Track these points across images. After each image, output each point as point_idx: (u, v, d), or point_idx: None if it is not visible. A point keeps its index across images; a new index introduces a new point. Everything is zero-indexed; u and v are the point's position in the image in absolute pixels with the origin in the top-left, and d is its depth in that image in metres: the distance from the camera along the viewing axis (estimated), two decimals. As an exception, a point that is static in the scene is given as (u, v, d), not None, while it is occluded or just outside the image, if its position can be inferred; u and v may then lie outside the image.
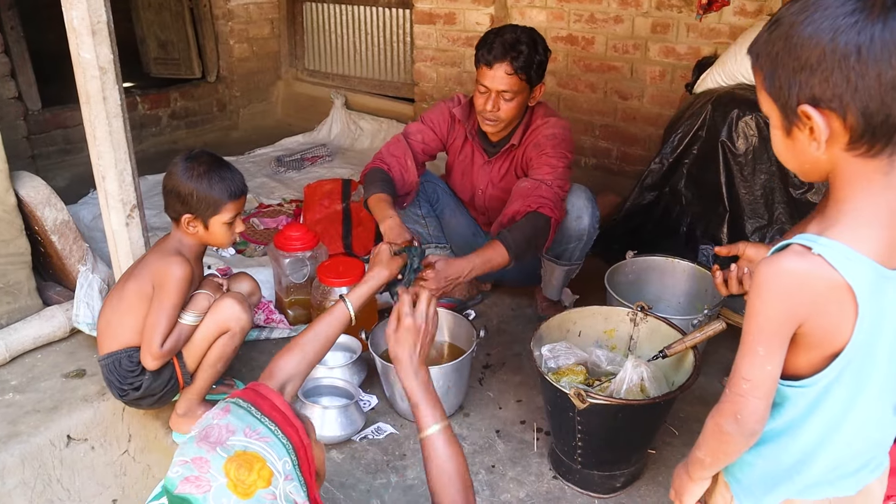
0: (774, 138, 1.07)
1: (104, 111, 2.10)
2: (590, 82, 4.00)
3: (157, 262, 2.03)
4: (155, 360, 2.00)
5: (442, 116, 2.64)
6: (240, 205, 2.07)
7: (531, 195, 2.31)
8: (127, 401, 2.12)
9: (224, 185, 2.00)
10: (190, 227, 2.04)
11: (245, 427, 1.14)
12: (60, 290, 2.75)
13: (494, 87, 2.38)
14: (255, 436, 1.14)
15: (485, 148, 2.62)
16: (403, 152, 2.52)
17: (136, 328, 2.05)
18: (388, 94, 5.03)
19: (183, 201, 2.00)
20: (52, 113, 4.36)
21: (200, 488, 1.09)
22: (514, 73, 2.34)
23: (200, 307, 2.06)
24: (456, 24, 4.25)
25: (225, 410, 1.18)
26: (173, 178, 2.00)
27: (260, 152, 4.67)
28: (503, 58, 2.33)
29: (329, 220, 3.32)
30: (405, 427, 2.24)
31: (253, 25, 5.25)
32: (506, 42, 2.34)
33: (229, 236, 2.09)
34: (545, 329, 2.09)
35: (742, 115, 2.91)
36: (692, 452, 1.22)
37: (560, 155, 2.40)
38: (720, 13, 3.43)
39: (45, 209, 2.59)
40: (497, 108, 2.41)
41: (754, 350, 1.05)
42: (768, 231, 2.96)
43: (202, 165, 2.00)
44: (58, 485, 2.25)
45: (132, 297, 2.04)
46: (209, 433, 1.13)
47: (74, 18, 2.00)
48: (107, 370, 2.08)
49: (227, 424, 1.15)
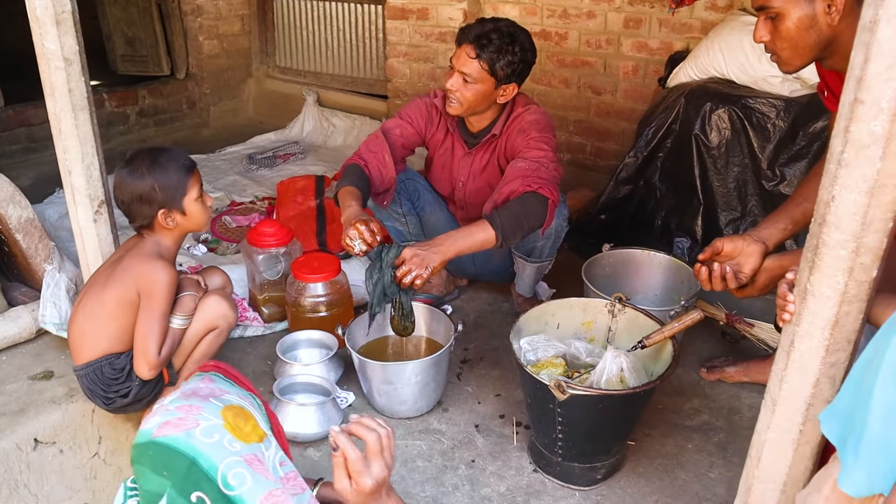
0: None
1: (70, 103, 2.04)
2: (563, 77, 4.01)
3: (140, 269, 1.97)
4: (152, 370, 1.96)
5: (419, 111, 2.61)
6: (198, 177, 2.06)
7: (531, 175, 2.25)
8: (113, 408, 2.07)
9: (176, 164, 1.99)
10: (168, 222, 2.00)
11: (237, 392, 1.15)
12: (26, 290, 2.67)
13: (458, 65, 2.38)
14: (246, 402, 1.14)
15: (465, 139, 2.60)
16: (381, 148, 2.49)
17: (117, 335, 2.00)
18: (361, 91, 4.99)
19: (148, 201, 1.96)
20: (15, 111, 4.26)
21: (181, 427, 1.07)
22: (476, 58, 2.33)
23: (188, 309, 2.03)
24: (429, 19, 4.23)
25: (209, 380, 1.18)
26: (125, 187, 1.97)
27: (231, 150, 4.61)
28: (471, 41, 2.34)
29: (303, 216, 3.28)
30: (383, 423, 2.22)
31: (223, 22, 5.17)
32: (482, 28, 2.35)
33: (206, 212, 2.07)
34: (524, 322, 2.07)
35: (715, 109, 2.94)
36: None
37: (546, 139, 2.38)
38: (692, 8, 3.46)
39: (9, 207, 2.51)
40: (456, 87, 2.40)
41: None
42: (742, 223, 2.99)
43: (145, 160, 1.98)
44: (25, 490, 2.18)
45: (112, 305, 1.98)
46: (197, 391, 1.13)
47: (38, 8, 1.94)
48: (87, 380, 2.02)
49: (217, 387, 1.15)
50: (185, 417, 1.08)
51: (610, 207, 3.26)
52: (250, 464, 1.08)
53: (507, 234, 2.17)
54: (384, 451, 1.23)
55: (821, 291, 1.17)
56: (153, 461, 1.08)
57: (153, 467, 1.08)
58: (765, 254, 1.81)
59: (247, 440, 1.10)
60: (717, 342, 2.62)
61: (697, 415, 2.26)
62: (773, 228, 1.89)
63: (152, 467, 1.08)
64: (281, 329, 2.67)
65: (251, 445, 1.10)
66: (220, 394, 1.14)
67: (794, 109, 2.82)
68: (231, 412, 1.10)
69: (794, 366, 1.25)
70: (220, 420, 1.09)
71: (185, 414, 1.09)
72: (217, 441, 1.08)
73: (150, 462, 1.09)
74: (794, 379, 1.25)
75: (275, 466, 1.12)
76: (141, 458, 1.10)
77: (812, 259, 1.18)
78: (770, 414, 1.32)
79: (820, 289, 1.17)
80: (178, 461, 1.07)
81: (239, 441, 1.09)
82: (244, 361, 2.52)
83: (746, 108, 2.89)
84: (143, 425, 1.12)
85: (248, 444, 1.10)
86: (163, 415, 1.10)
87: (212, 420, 1.08)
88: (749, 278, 1.81)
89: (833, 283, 1.16)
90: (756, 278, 1.80)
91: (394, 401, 2.19)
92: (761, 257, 1.80)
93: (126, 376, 2.00)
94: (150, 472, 1.08)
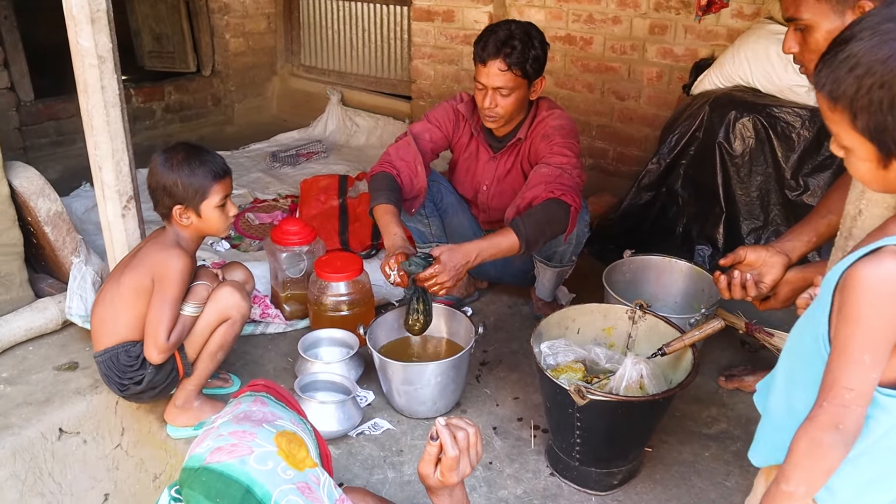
0: (860, 168, 1.06)
1: (102, 100, 2.08)
2: (587, 82, 4.01)
3: (155, 256, 2.01)
4: (161, 354, 1.99)
5: (447, 115, 2.62)
6: (226, 186, 2.06)
7: (553, 182, 2.27)
8: (127, 395, 2.11)
9: (206, 168, 2.00)
10: (183, 219, 2.03)
11: (290, 417, 1.16)
12: (53, 282, 2.72)
13: (490, 83, 2.38)
14: (299, 428, 1.14)
15: (490, 143, 2.61)
16: (414, 157, 2.48)
17: (133, 323, 2.03)
18: (385, 91, 5.01)
19: (170, 193, 1.99)
20: (45, 104, 4.32)
21: (234, 454, 1.07)
22: (508, 69, 2.34)
23: (200, 297, 2.05)
24: (454, 21, 4.24)
25: (261, 402, 1.19)
26: (155, 174, 2.01)
27: (255, 147, 4.65)
28: (496, 54, 2.33)
29: (325, 215, 3.31)
30: (402, 423, 2.23)
31: (249, 20, 5.22)
32: (499, 39, 2.34)
33: (224, 220, 2.08)
34: (544, 326, 2.08)
35: (739, 117, 2.93)
36: (774, 492, 1.15)
37: (569, 145, 2.39)
38: (718, 15, 3.45)
39: (39, 200, 2.56)
40: (495, 104, 2.41)
41: (859, 359, 1.03)
42: (764, 232, 2.98)
43: (180, 154, 2.00)
44: (49, 478, 2.23)
45: (129, 292, 2.02)
46: (250, 415, 1.13)
47: (74, 6, 1.98)
48: (104, 366, 2.06)
49: (270, 411, 1.15)
50: (238, 444, 1.07)
51: (631, 213, 3.26)
52: (303, 491, 1.07)
53: (531, 242, 2.21)
54: (470, 448, 1.32)
55: (845, 304, 1.18)
56: (206, 488, 1.07)
57: (206, 494, 1.07)
58: (787, 266, 1.81)
59: (300, 467, 1.09)
60: (737, 351, 2.62)
61: (715, 423, 2.26)
62: (797, 241, 1.89)
63: (205, 494, 1.07)
64: (302, 327, 2.70)
65: (304, 473, 1.09)
66: (273, 419, 1.13)
67: (819, 119, 2.80)
68: (285, 438, 1.09)
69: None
70: (274, 447, 1.07)
71: (239, 440, 1.08)
72: (271, 469, 1.07)
73: (203, 488, 1.07)
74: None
75: (330, 492, 1.12)
76: (193, 484, 1.09)
77: (837, 272, 1.18)
78: (790, 425, 1.32)
79: (845, 302, 1.18)
80: (233, 489, 1.06)
81: (292, 468, 1.07)
82: (265, 358, 2.55)
83: (771, 117, 2.88)
84: (194, 449, 1.10)
85: (301, 472, 1.08)
86: (215, 439, 1.08)
87: (266, 447, 1.07)
88: (770, 289, 1.81)
89: (858, 296, 1.16)
90: (778, 290, 1.80)
91: (413, 401, 2.20)
92: (783, 269, 1.80)
93: (140, 364, 2.03)
94: (203, 497, 1.07)
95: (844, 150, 1.06)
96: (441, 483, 1.32)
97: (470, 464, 1.33)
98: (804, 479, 1.11)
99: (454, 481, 1.31)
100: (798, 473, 1.11)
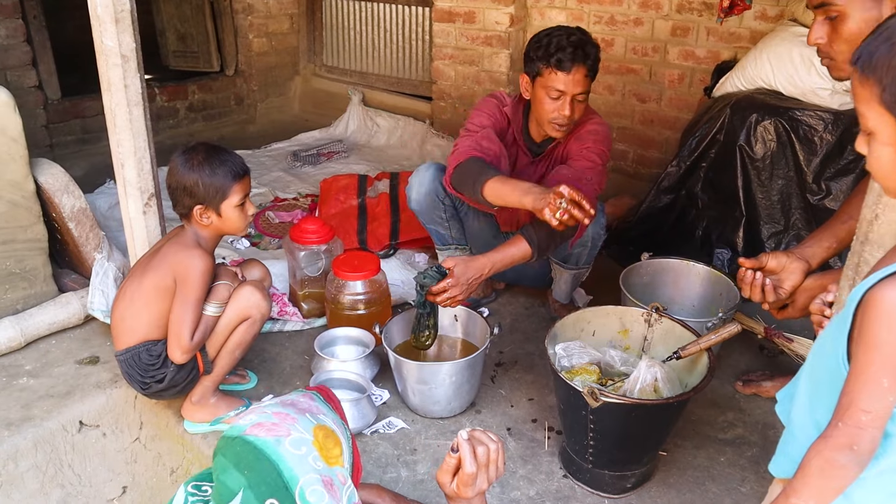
0: (882, 155, 1.02)
1: (125, 99, 2.11)
2: (608, 84, 3.99)
3: (176, 256, 2.03)
4: (185, 354, 2.01)
5: (494, 115, 2.53)
6: (245, 185, 2.08)
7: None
8: (149, 393, 2.13)
9: (226, 168, 2.02)
10: (203, 219, 2.04)
11: (333, 418, 1.17)
12: (76, 277, 2.77)
13: (572, 90, 2.30)
14: (339, 430, 1.16)
15: (530, 148, 2.58)
16: (499, 148, 2.41)
17: (155, 322, 2.05)
18: (406, 92, 5.03)
19: (190, 193, 2.01)
20: (72, 102, 4.39)
21: (273, 432, 1.09)
22: (588, 74, 2.31)
23: (222, 297, 2.08)
24: (475, 22, 4.25)
25: (310, 397, 1.21)
26: (175, 174, 2.02)
27: (276, 147, 4.68)
28: (582, 61, 2.27)
29: (344, 214, 3.33)
30: (416, 422, 2.24)
31: (272, 20, 5.26)
32: (575, 44, 2.28)
33: (244, 220, 2.09)
34: (560, 328, 2.08)
35: (761, 120, 2.90)
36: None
37: (599, 151, 2.38)
38: (741, 17, 3.42)
39: (63, 196, 2.61)
40: (573, 111, 2.34)
41: (877, 382, 1.02)
42: (784, 237, 2.95)
43: (199, 154, 2.02)
44: (69, 470, 2.26)
45: (151, 292, 2.04)
46: (296, 403, 1.16)
47: (98, 6, 2.01)
48: (126, 365, 2.08)
49: (316, 406, 1.18)
50: (278, 423, 1.10)
51: (651, 216, 3.24)
52: (327, 486, 1.08)
53: (542, 248, 2.23)
54: (490, 464, 1.30)
55: (860, 310, 1.16)
56: (238, 457, 1.10)
57: (236, 463, 1.10)
58: (807, 272, 1.79)
59: (330, 462, 1.11)
60: (755, 356, 2.59)
61: (731, 428, 2.24)
62: (818, 247, 1.87)
63: (235, 463, 1.10)
64: (319, 325, 2.72)
65: (332, 469, 1.10)
66: (317, 412, 1.16)
67: (842, 123, 2.78)
68: (322, 432, 1.12)
69: (831, 383, 1.24)
70: (311, 436, 1.09)
71: (280, 421, 1.10)
72: (303, 454, 1.09)
73: (235, 457, 1.10)
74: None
75: (351, 496, 1.13)
76: (226, 451, 1.12)
77: (853, 278, 1.17)
78: (804, 431, 1.31)
79: (860, 307, 1.16)
80: (263, 464, 1.08)
81: (323, 461, 1.09)
82: (282, 356, 2.57)
83: (793, 121, 2.85)
84: (237, 421, 1.13)
85: (330, 467, 1.10)
86: (258, 415, 1.11)
87: (303, 434, 1.09)
88: (788, 294, 1.79)
89: (874, 302, 1.15)
90: (796, 298, 1.79)
91: (428, 401, 2.21)
92: (803, 275, 1.78)
93: (162, 363, 2.06)
94: (233, 466, 1.10)
95: (868, 138, 1.03)
96: (456, 494, 1.31)
97: (488, 480, 1.31)
98: (814, 496, 1.11)
99: (469, 496, 1.30)
100: (808, 490, 1.11)
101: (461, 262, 2.15)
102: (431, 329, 2.23)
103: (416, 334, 2.25)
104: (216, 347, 2.12)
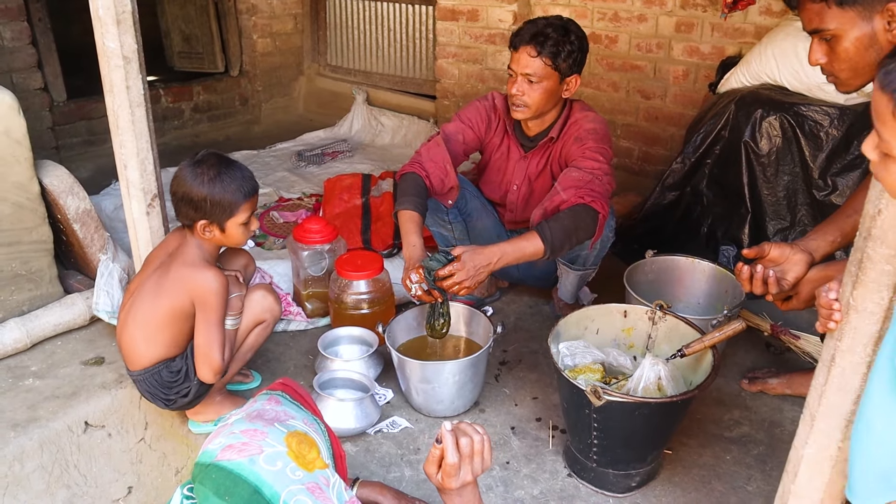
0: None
1: (127, 100, 2.11)
2: (612, 81, 3.98)
3: (192, 278, 1.98)
4: (217, 375, 2.01)
5: (479, 115, 2.60)
6: (254, 203, 2.04)
7: (584, 187, 2.25)
8: (174, 408, 2.13)
9: (237, 186, 1.97)
10: (206, 233, 2.00)
11: (303, 417, 1.17)
12: (81, 278, 2.78)
13: (519, 69, 2.37)
14: (311, 429, 1.15)
15: (521, 142, 2.59)
16: (443, 158, 2.46)
17: (171, 342, 2.03)
18: (410, 91, 5.03)
19: (196, 207, 1.96)
20: (77, 104, 4.40)
21: (244, 453, 1.08)
22: (538, 55, 2.33)
23: (236, 308, 2.08)
24: (479, 20, 4.24)
25: (275, 401, 1.20)
26: (183, 185, 1.96)
27: (281, 147, 4.68)
28: (529, 41, 2.34)
29: (348, 214, 3.33)
30: (420, 421, 2.24)
31: (276, 20, 5.27)
32: (535, 27, 2.36)
33: (246, 236, 2.06)
34: (563, 326, 2.07)
35: (766, 116, 2.88)
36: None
37: (602, 150, 2.37)
38: (745, 12, 3.40)
39: (68, 198, 2.61)
40: (522, 91, 2.39)
41: None
42: (790, 233, 2.94)
43: (211, 169, 1.95)
44: (75, 470, 2.27)
45: (166, 316, 2.00)
46: (263, 413, 1.15)
47: (100, 8, 2.01)
48: (146, 384, 2.06)
49: (283, 410, 1.16)
50: (249, 443, 1.09)
51: (655, 213, 3.23)
52: (312, 492, 1.08)
53: (556, 247, 2.18)
54: (475, 455, 1.29)
55: (864, 307, 1.16)
56: (216, 484, 1.09)
57: (215, 490, 1.09)
58: (810, 264, 1.78)
59: (309, 468, 1.10)
60: (761, 353, 2.58)
61: (737, 426, 2.23)
62: (822, 240, 1.86)
63: (214, 490, 1.09)
64: (323, 324, 2.72)
65: (314, 474, 1.09)
66: (285, 418, 1.15)
67: (848, 118, 2.76)
68: (295, 439, 1.11)
69: (835, 382, 1.23)
70: (284, 447, 1.09)
71: (250, 439, 1.09)
72: (280, 469, 1.08)
73: (213, 485, 1.10)
74: (834, 395, 1.24)
75: (340, 493, 1.13)
76: (203, 480, 1.11)
77: (856, 273, 1.16)
78: (808, 429, 1.30)
79: (863, 304, 1.16)
80: (241, 487, 1.07)
81: (301, 469, 1.09)
82: (286, 355, 2.57)
83: (799, 116, 2.83)
84: (206, 445, 1.12)
85: (310, 473, 1.09)
86: (227, 437, 1.10)
87: (276, 447, 1.08)
88: (791, 286, 1.78)
89: (877, 298, 1.14)
90: (800, 289, 1.77)
91: (431, 400, 2.21)
92: (806, 267, 1.77)
93: (184, 377, 2.05)
94: (212, 494, 1.09)
95: (888, 159, 1.00)
96: (440, 485, 1.30)
97: (472, 472, 1.29)
98: None
99: (453, 487, 1.28)
100: None
101: (471, 249, 2.13)
102: (446, 317, 2.22)
103: (430, 323, 2.23)
104: (232, 353, 2.12)
